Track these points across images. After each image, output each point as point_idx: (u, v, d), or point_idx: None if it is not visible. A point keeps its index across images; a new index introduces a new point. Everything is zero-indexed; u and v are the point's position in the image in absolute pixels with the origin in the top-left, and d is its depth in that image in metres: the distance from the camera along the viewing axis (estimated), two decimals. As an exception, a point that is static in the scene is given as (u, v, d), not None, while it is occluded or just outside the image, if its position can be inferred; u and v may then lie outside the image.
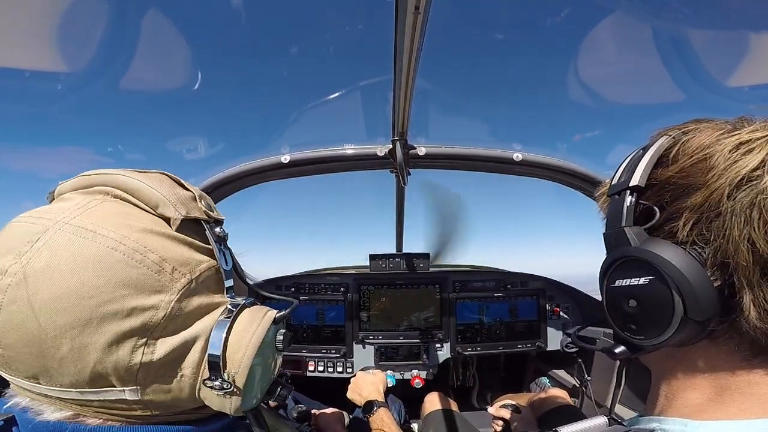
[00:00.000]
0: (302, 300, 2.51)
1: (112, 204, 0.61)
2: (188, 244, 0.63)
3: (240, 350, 0.62)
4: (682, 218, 0.52)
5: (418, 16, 0.83)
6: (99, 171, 0.65)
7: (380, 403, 1.75)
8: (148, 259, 0.56)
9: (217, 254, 0.67)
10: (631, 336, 0.59)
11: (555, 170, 1.89)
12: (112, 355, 0.54)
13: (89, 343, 0.52)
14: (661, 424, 0.56)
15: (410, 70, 1.07)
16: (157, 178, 0.66)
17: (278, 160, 1.81)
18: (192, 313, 0.61)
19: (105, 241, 0.54)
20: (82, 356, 0.53)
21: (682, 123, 0.60)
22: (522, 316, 2.57)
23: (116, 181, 0.63)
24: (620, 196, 0.60)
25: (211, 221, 0.69)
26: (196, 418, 0.69)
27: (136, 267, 0.55)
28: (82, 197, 0.62)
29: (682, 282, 0.50)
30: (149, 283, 0.56)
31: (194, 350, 0.61)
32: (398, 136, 1.54)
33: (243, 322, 0.64)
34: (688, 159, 0.54)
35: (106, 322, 0.53)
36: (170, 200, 0.63)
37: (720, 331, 0.52)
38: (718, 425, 0.51)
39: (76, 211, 0.57)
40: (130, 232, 0.57)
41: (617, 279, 0.59)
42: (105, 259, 0.53)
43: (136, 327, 0.54)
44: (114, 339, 0.53)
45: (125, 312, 0.53)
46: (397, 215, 2.52)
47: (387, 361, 2.49)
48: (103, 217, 0.57)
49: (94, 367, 0.54)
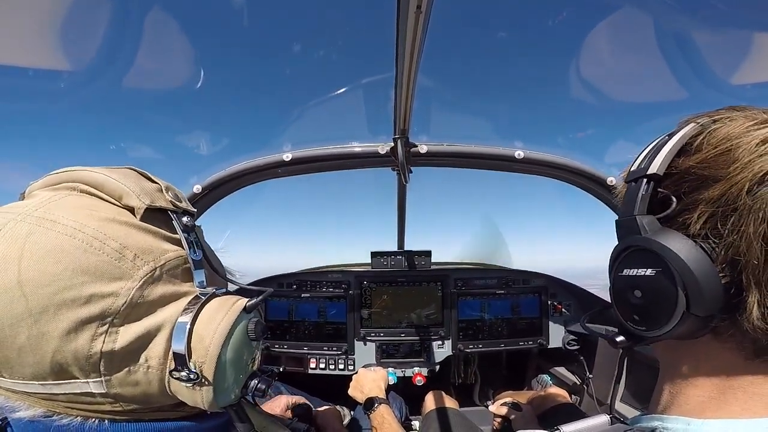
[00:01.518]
0: (304, 297, 2.52)
1: (76, 197, 0.62)
2: (153, 233, 0.63)
3: (206, 338, 0.60)
4: (696, 210, 0.51)
5: (419, 15, 0.83)
6: (67, 168, 0.65)
7: (381, 399, 1.75)
8: (108, 246, 0.56)
9: (185, 243, 0.66)
10: (633, 326, 0.58)
11: (557, 168, 1.89)
12: (71, 344, 0.53)
13: (46, 332, 0.52)
14: (664, 423, 0.56)
15: (412, 68, 1.07)
16: (123, 171, 0.66)
17: (280, 158, 1.81)
18: (156, 301, 0.60)
19: (64, 229, 0.54)
20: (41, 345, 0.52)
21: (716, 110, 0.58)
22: (524, 314, 2.57)
23: (82, 176, 0.63)
24: (637, 183, 0.58)
25: (178, 211, 0.68)
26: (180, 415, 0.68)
27: (94, 254, 0.54)
28: (49, 193, 0.62)
29: (688, 276, 0.49)
30: (108, 269, 0.55)
31: (158, 339, 0.60)
32: (400, 134, 1.55)
33: (210, 310, 0.63)
34: (711, 150, 0.52)
35: (64, 309, 0.52)
36: (134, 191, 0.62)
37: (722, 328, 0.51)
38: (720, 424, 0.51)
39: (39, 204, 0.57)
40: (89, 221, 0.56)
41: (625, 268, 0.58)
42: (63, 246, 0.53)
43: (94, 314, 0.53)
44: (72, 326, 0.53)
45: (83, 299, 0.53)
46: (399, 213, 2.53)
47: (388, 358, 2.49)
48: (65, 208, 0.57)
49: (54, 357, 0.53)
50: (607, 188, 1.89)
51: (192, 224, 0.68)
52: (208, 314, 0.62)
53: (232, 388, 0.66)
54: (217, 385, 0.62)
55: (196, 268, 0.66)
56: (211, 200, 1.95)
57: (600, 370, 2.14)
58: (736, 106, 0.57)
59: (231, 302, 0.66)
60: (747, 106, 0.56)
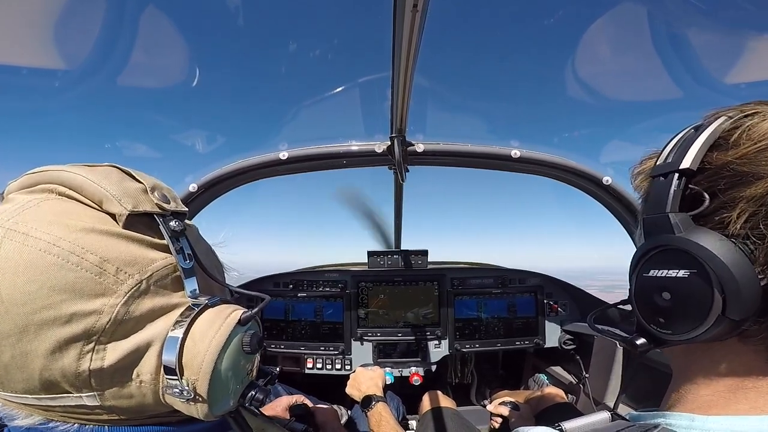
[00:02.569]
0: (300, 296, 2.51)
1: (52, 203, 0.57)
2: (138, 242, 0.58)
3: (198, 356, 0.57)
4: (736, 209, 0.48)
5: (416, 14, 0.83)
6: (44, 168, 0.61)
7: (379, 397, 1.75)
8: (86, 260, 0.52)
9: (173, 250, 0.61)
10: (657, 329, 0.55)
11: (552, 167, 1.89)
12: (57, 362, 0.51)
13: (30, 351, 0.50)
14: (667, 419, 0.55)
15: (408, 67, 1.07)
16: (104, 171, 0.61)
17: (277, 156, 1.80)
18: (144, 316, 0.57)
19: (37, 243, 0.50)
20: (26, 363, 0.51)
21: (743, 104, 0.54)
22: (520, 313, 2.58)
23: (60, 177, 0.59)
24: (667, 179, 0.54)
25: (166, 214, 0.62)
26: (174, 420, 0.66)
27: (72, 270, 0.51)
28: (24, 197, 0.58)
29: (728, 279, 0.46)
30: (89, 286, 0.52)
31: (149, 355, 0.57)
32: (396, 132, 1.54)
33: (203, 324, 0.60)
34: (752, 145, 0.48)
35: (45, 329, 0.50)
36: (114, 195, 0.57)
37: (753, 331, 0.49)
38: (725, 419, 0.50)
39: (12, 213, 0.53)
40: (66, 233, 0.52)
41: (652, 269, 0.55)
42: (37, 263, 0.50)
43: (78, 333, 0.51)
44: (56, 346, 0.51)
45: (64, 318, 0.50)
46: (396, 212, 2.53)
47: (385, 358, 2.49)
48: (39, 217, 0.53)
49: (41, 374, 0.52)
50: (602, 188, 1.90)
51: (181, 228, 0.63)
52: (201, 328, 0.59)
53: (228, 399, 0.65)
54: (212, 399, 0.59)
55: (186, 276, 0.62)
56: (207, 199, 1.95)
57: (596, 369, 2.15)
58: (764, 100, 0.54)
59: (225, 314, 0.62)
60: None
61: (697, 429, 0.51)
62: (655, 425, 0.53)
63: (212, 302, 0.63)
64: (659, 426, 0.53)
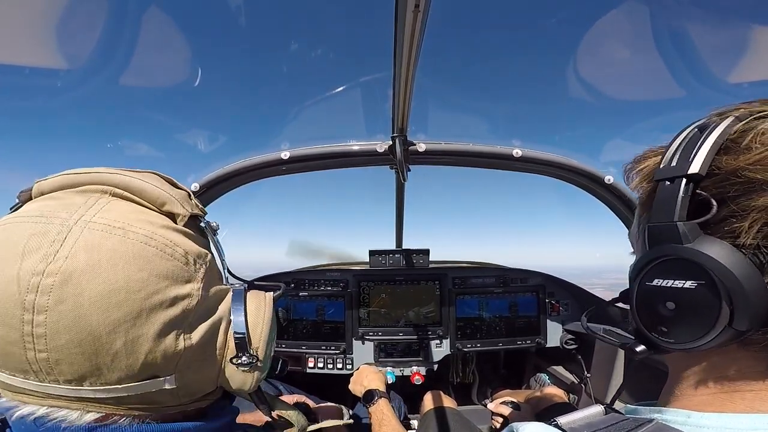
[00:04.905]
0: (302, 296, 2.51)
1: (120, 203, 0.63)
2: (194, 238, 0.67)
3: (258, 327, 0.70)
4: (748, 219, 0.45)
5: (417, 14, 0.83)
6: (85, 169, 0.66)
7: (381, 393, 1.75)
8: (177, 252, 0.61)
9: (216, 246, 0.73)
10: (658, 337, 0.54)
11: (554, 166, 1.89)
12: (162, 344, 0.57)
13: (141, 335, 0.55)
14: (663, 415, 0.54)
15: (410, 67, 1.07)
16: (155, 177, 0.69)
17: (278, 156, 1.80)
18: (213, 299, 0.67)
19: (137, 236, 0.57)
20: (135, 348, 0.55)
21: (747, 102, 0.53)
22: (522, 312, 2.57)
23: (113, 180, 0.64)
24: (673, 184, 0.51)
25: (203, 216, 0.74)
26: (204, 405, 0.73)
27: (169, 260, 0.59)
28: (78, 196, 0.62)
29: (738, 291, 0.45)
30: (181, 273, 0.60)
31: (221, 332, 0.67)
32: (398, 132, 1.54)
33: (253, 303, 0.71)
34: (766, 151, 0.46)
35: (155, 312, 0.56)
36: (177, 198, 0.67)
37: (756, 338, 0.48)
38: (720, 417, 0.49)
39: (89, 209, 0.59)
40: (154, 228, 0.60)
41: (656, 278, 0.53)
42: (142, 253, 0.57)
43: (178, 314, 0.59)
44: (162, 328, 0.57)
45: (168, 301, 0.58)
46: (397, 211, 2.52)
47: (386, 357, 2.49)
48: (124, 214, 0.60)
49: (146, 358, 0.56)
50: (604, 186, 1.90)
51: (217, 228, 0.75)
52: (254, 306, 0.71)
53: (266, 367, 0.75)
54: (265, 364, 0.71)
55: (224, 267, 0.75)
56: (209, 198, 1.95)
57: (598, 369, 2.15)
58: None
59: (263, 295, 0.76)
60: None
61: (693, 425, 0.51)
62: (650, 420, 0.52)
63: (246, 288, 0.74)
64: (654, 420, 0.52)
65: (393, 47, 1.04)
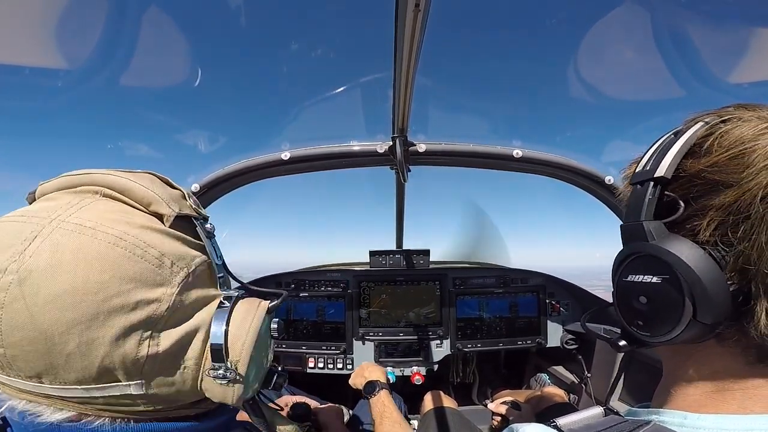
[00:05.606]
0: (302, 296, 2.51)
1: (104, 202, 0.62)
2: (181, 240, 0.65)
3: (240, 339, 0.64)
4: (706, 217, 0.49)
5: (418, 13, 0.83)
6: (83, 171, 0.66)
7: (383, 384, 1.74)
8: (149, 254, 0.58)
9: (209, 249, 0.69)
10: (637, 331, 0.57)
11: (554, 166, 1.89)
12: (120, 349, 0.55)
13: (97, 338, 0.53)
14: (660, 416, 0.55)
15: (410, 67, 1.07)
16: (147, 177, 0.68)
17: (279, 156, 1.81)
18: (191, 305, 0.63)
19: (105, 237, 0.55)
20: (90, 351, 0.54)
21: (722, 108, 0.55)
22: (522, 313, 2.57)
23: (105, 180, 0.64)
24: (643, 187, 0.56)
25: (199, 217, 0.71)
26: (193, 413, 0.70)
27: (138, 262, 0.57)
28: (71, 197, 0.62)
29: (697, 285, 0.48)
30: (151, 277, 0.57)
31: (196, 341, 0.63)
32: (398, 133, 1.54)
33: (240, 313, 0.67)
34: (723, 152, 0.49)
35: (113, 315, 0.54)
36: (164, 198, 0.65)
37: (728, 334, 0.50)
38: (716, 418, 0.50)
39: (69, 209, 0.58)
40: (128, 229, 0.58)
41: (630, 274, 0.57)
42: (108, 254, 0.54)
43: (141, 320, 0.56)
44: (121, 332, 0.54)
45: (131, 305, 0.55)
46: (398, 212, 2.53)
47: (387, 357, 2.49)
48: (100, 214, 0.58)
49: (102, 362, 0.54)
50: (605, 187, 1.90)
51: (213, 230, 0.72)
52: (240, 316, 0.67)
53: (254, 384, 0.71)
54: (247, 380, 0.66)
55: (218, 272, 0.70)
56: (209, 199, 1.95)
57: (598, 369, 2.15)
58: (746, 104, 0.54)
59: (256, 305, 0.70)
60: (758, 105, 0.53)
61: (690, 426, 0.52)
62: (647, 421, 0.54)
63: (242, 295, 0.71)
64: (651, 422, 0.53)
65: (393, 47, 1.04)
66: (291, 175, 1.97)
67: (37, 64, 1.87)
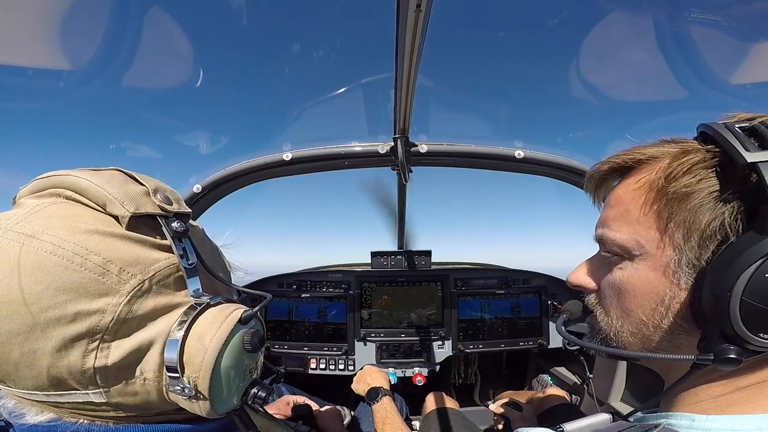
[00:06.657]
0: (304, 297, 2.51)
1: (59, 206, 0.59)
2: (141, 242, 0.60)
3: (199, 354, 0.59)
4: None
5: (419, 13, 0.83)
6: (52, 173, 0.63)
7: (386, 391, 1.74)
8: (90, 261, 0.54)
9: (175, 250, 0.63)
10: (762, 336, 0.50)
11: (557, 167, 1.89)
12: (63, 360, 0.53)
13: (37, 349, 0.52)
14: (668, 419, 0.55)
15: (412, 67, 1.07)
16: (108, 175, 0.63)
17: (280, 157, 1.81)
18: (147, 315, 0.58)
19: (42, 245, 0.52)
20: (34, 361, 0.53)
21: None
22: (524, 314, 2.57)
23: (65, 181, 0.61)
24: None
25: (169, 215, 0.64)
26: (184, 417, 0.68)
27: (76, 271, 0.53)
28: (34, 201, 0.60)
29: None
30: (92, 286, 0.54)
31: (152, 353, 0.59)
32: (400, 133, 1.54)
33: (204, 323, 0.61)
34: None
35: (51, 327, 0.52)
36: (117, 198, 0.59)
37: None
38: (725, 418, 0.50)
39: (21, 216, 0.55)
40: (70, 235, 0.54)
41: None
42: (43, 264, 0.52)
43: (82, 331, 0.53)
44: (61, 344, 0.52)
45: (68, 317, 0.52)
46: (399, 212, 2.52)
47: (389, 358, 2.49)
48: (46, 220, 0.55)
49: (49, 372, 0.53)
50: (607, 188, 1.89)
51: (183, 229, 0.64)
52: (202, 327, 0.61)
53: (231, 397, 0.66)
54: (214, 396, 0.61)
55: (189, 276, 0.64)
56: (212, 200, 1.95)
57: (600, 370, 2.14)
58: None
59: (226, 313, 0.64)
60: None
61: (698, 429, 0.51)
62: (656, 425, 0.53)
63: (214, 301, 0.65)
64: (660, 426, 0.53)
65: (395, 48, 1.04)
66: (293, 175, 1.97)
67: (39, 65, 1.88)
